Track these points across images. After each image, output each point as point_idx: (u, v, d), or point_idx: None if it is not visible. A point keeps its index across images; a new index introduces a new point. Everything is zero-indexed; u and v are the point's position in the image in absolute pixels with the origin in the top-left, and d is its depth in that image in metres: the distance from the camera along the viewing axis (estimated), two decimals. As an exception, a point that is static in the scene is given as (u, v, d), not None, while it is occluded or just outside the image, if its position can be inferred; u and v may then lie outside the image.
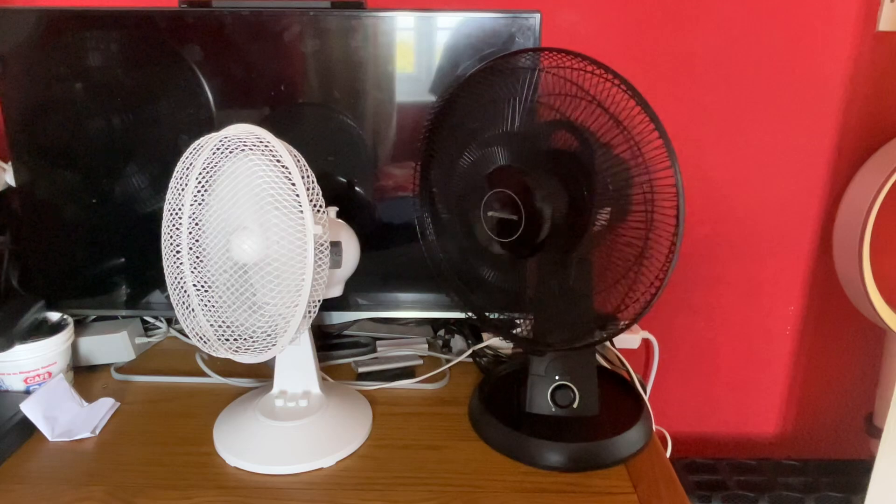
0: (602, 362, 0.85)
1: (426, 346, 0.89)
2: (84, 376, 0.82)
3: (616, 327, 0.62)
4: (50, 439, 0.69)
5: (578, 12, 0.96)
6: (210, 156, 0.60)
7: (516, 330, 0.70)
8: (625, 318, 0.61)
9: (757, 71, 0.99)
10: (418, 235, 0.77)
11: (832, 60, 0.98)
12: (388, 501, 0.60)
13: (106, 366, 0.85)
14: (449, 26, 0.77)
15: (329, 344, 0.89)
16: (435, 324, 0.94)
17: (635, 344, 0.99)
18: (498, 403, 0.72)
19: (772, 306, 1.10)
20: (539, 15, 0.76)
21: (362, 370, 0.83)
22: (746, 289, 1.09)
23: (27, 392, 0.73)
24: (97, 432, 0.70)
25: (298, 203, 0.57)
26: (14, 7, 0.78)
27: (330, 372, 0.83)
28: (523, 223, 0.63)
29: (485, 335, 0.89)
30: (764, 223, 1.06)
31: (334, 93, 0.79)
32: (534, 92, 0.63)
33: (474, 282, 0.73)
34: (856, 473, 1.07)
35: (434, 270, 0.77)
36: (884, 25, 0.95)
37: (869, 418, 1.11)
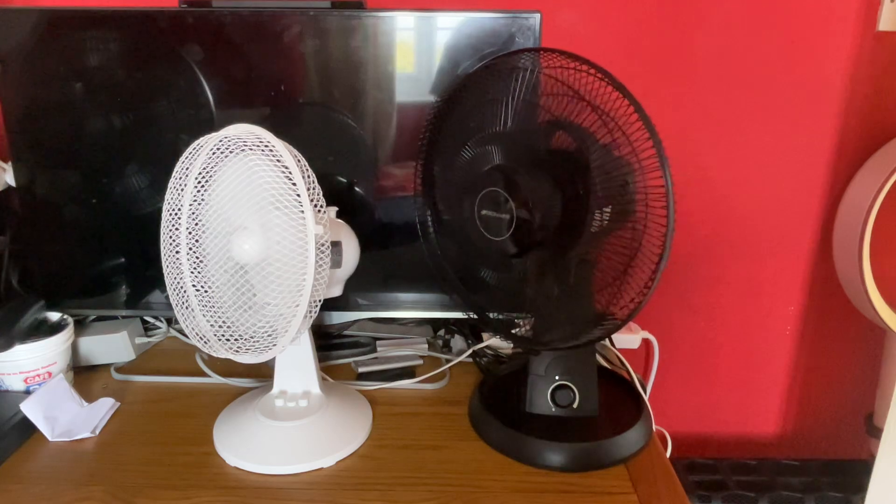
0: (602, 362, 0.85)
1: (426, 346, 0.89)
2: (84, 376, 0.82)
3: (613, 324, 0.62)
4: (50, 439, 0.69)
5: (578, 12, 0.96)
6: (210, 155, 0.60)
7: (516, 330, 0.70)
8: (620, 317, 0.61)
9: (757, 71, 0.99)
10: (420, 235, 0.77)
11: (832, 60, 0.98)
12: (388, 501, 0.60)
13: (106, 366, 0.85)
14: (449, 26, 0.77)
15: (329, 344, 0.89)
16: (435, 324, 0.94)
17: (635, 344, 0.99)
18: (498, 403, 0.72)
19: (772, 306, 1.10)
20: (539, 15, 0.76)
21: (362, 370, 0.83)
22: (746, 289, 1.09)
23: (27, 392, 0.73)
24: (97, 432, 0.70)
25: (299, 203, 0.57)
26: (14, 7, 0.78)
27: (330, 372, 0.83)
28: (514, 222, 0.63)
29: (485, 335, 0.89)
30: (764, 223, 1.06)
31: (334, 93, 0.79)
32: (531, 92, 0.63)
33: (475, 282, 0.73)
34: (856, 473, 1.07)
35: (435, 270, 0.77)
36: (884, 25, 0.95)
37: (869, 418, 1.11)
